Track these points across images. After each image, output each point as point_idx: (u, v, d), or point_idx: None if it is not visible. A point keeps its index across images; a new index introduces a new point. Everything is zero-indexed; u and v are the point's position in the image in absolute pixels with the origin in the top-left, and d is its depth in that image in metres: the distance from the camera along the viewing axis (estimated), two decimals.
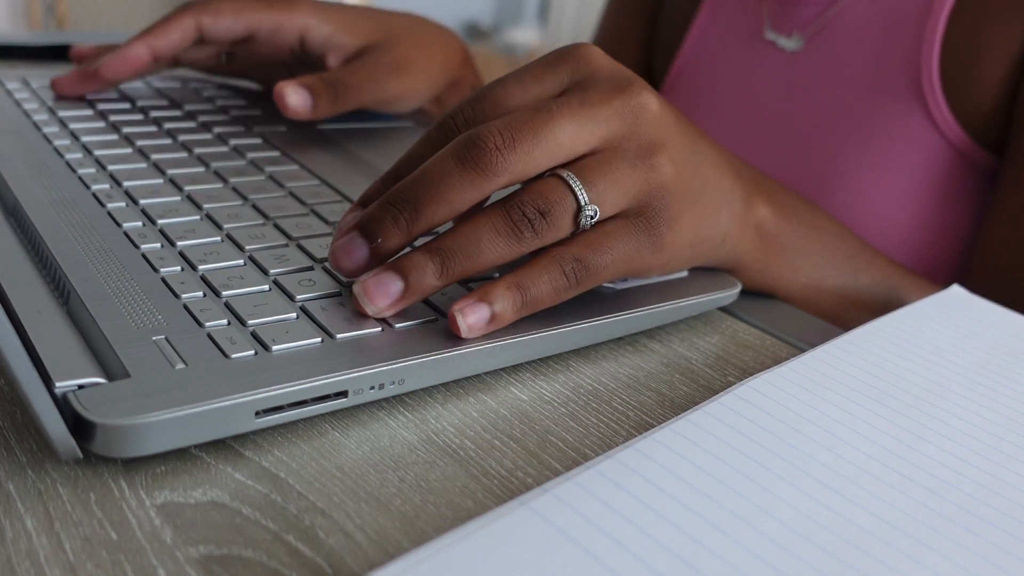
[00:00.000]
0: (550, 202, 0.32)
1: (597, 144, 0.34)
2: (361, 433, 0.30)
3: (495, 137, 0.32)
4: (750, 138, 0.67)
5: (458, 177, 0.32)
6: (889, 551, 0.25)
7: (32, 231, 0.36)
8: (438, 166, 0.32)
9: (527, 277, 0.33)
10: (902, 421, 0.32)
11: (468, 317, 0.31)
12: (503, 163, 0.32)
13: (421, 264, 0.32)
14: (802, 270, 0.44)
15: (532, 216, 0.32)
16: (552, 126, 0.33)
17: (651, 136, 0.35)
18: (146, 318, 0.30)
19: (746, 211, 0.41)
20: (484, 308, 0.32)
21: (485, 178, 0.32)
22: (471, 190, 0.32)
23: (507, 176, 0.32)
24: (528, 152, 0.32)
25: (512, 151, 0.32)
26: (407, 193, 0.32)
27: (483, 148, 0.32)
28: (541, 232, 0.32)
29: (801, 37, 0.65)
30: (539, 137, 0.32)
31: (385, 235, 0.32)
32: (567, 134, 0.33)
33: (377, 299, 0.32)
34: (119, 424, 0.25)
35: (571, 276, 0.33)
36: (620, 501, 0.25)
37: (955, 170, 0.59)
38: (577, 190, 0.33)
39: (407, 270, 0.32)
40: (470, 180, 0.32)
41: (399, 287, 0.32)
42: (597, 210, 0.33)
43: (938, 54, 0.58)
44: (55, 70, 0.61)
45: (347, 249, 0.33)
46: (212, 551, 0.24)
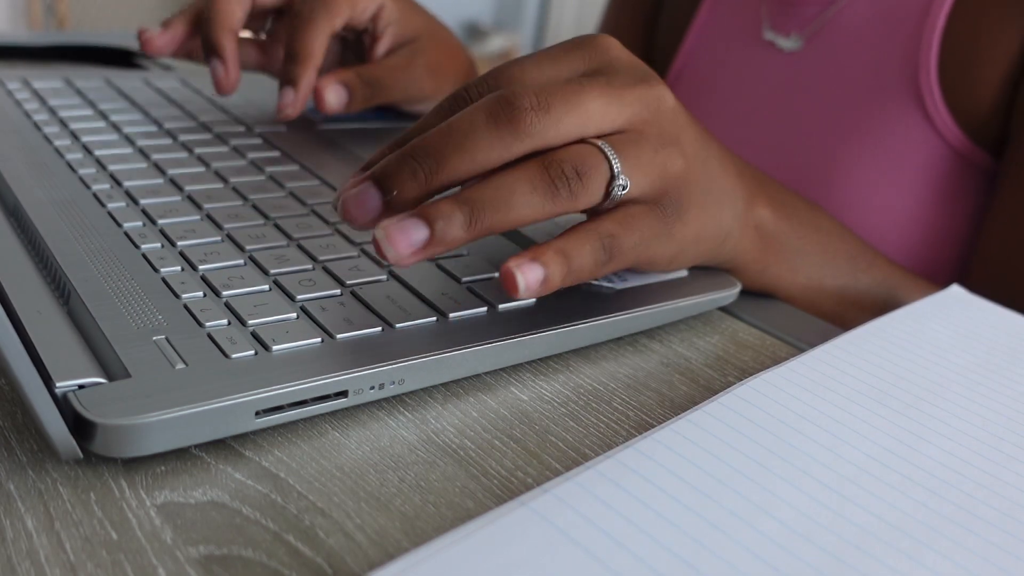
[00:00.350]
0: (588, 165, 0.32)
1: (623, 125, 0.34)
2: (361, 433, 0.30)
3: (530, 98, 0.31)
4: (749, 138, 0.67)
5: (486, 132, 0.31)
6: (889, 551, 0.25)
7: (32, 231, 0.36)
8: (467, 119, 0.31)
9: (570, 245, 0.32)
10: (902, 421, 0.32)
11: (527, 274, 0.31)
12: (535, 125, 0.31)
13: (448, 213, 0.30)
14: (802, 270, 0.44)
15: (570, 174, 0.31)
16: (584, 97, 0.33)
17: (669, 128, 0.35)
18: (146, 318, 0.30)
19: (747, 211, 0.41)
20: (539, 268, 0.31)
21: (515, 137, 0.31)
22: (499, 148, 0.31)
23: (536, 139, 0.32)
24: (559, 118, 0.32)
25: (546, 114, 0.31)
26: (429, 145, 0.31)
27: (517, 107, 0.31)
28: (577, 193, 0.32)
29: (800, 37, 0.65)
30: (571, 105, 0.32)
31: (402, 187, 0.31)
32: (597, 107, 0.33)
33: (400, 244, 0.30)
34: (119, 424, 0.25)
35: (608, 250, 0.33)
36: (620, 501, 0.25)
37: (953, 170, 0.59)
38: (612, 158, 0.33)
39: (434, 218, 0.30)
40: (499, 137, 0.31)
41: (424, 234, 0.30)
42: (628, 182, 0.33)
43: (936, 55, 0.58)
44: (57, 70, 0.61)
45: (359, 199, 0.31)
46: (212, 551, 0.24)
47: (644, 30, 0.81)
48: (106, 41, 0.77)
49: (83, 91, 0.57)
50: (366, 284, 0.35)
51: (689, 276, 0.40)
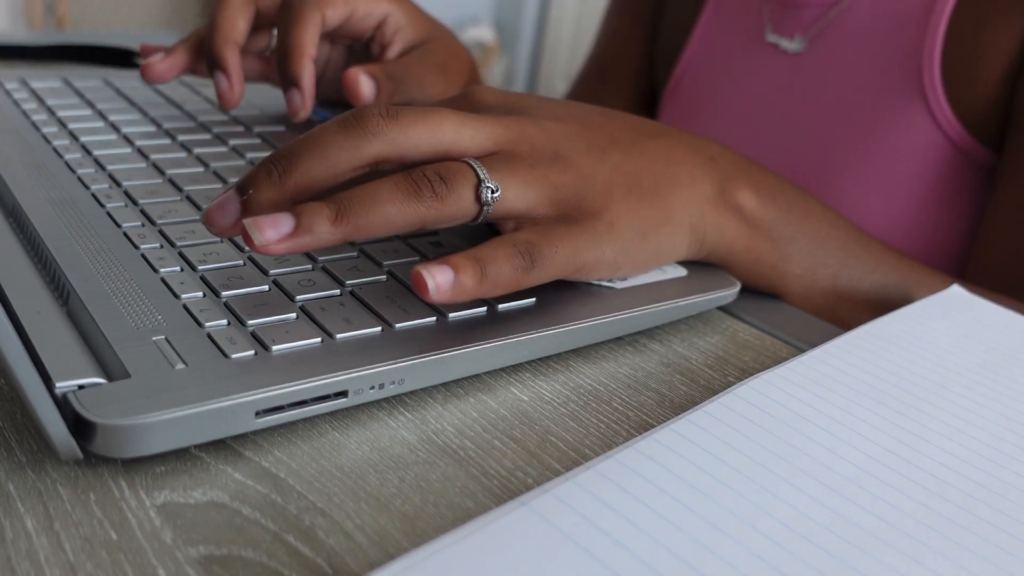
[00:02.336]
0: (450, 170, 0.33)
1: (486, 145, 0.35)
2: (361, 433, 0.30)
3: (379, 107, 0.33)
4: (753, 140, 0.67)
5: (335, 135, 0.33)
6: (889, 551, 0.25)
7: (32, 231, 0.36)
8: (319, 129, 0.33)
9: (483, 251, 0.33)
10: (902, 421, 0.32)
11: (436, 276, 0.31)
12: (382, 127, 0.33)
13: (315, 207, 0.31)
14: (794, 258, 0.43)
15: (432, 178, 0.33)
16: (435, 114, 0.34)
17: (544, 144, 0.36)
18: (146, 318, 0.30)
19: (723, 193, 0.40)
20: (448, 271, 0.31)
21: (363, 137, 0.33)
22: (348, 147, 0.32)
23: (383, 141, 0.33)
24: (407, 127, 0.33)
25: (393, 121, 0.33)
26: (284, 149, 0.33)
27: (364, 113, 0.33)
28: (442, 195, 0.33)
29: (802, 39, 0.65)
30: (419, 118, 0.34)
31: (256, 187, 0.32)
32: (449, 124, 0.34)
33: (266, 230, 0.31)
34: (119, 424, 0.25)
35: (525, 255, 0.33)
36: (620, 501, 0.25)
37: (956, 167, 0.59)
38: (476, 166, 0.34)
39: (300, 211, 0.31)
40: (347, 137, 0.33)
41: (290, 223, 0.31)
42: (498, 186, 0.34)
43: (939, 53, 0.58)
44: (55, 70, 0.61)
45: (220, 205, 0.32)
46: (212, 551, 0.24)
47: (645, 33, 0.81)
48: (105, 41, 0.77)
49: (82, 91, 0.57)
50: (366, 284, 0.35)
51: (689, 276, 0.40)
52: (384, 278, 0.35)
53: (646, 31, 0.81)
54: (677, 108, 0.75)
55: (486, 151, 0.35)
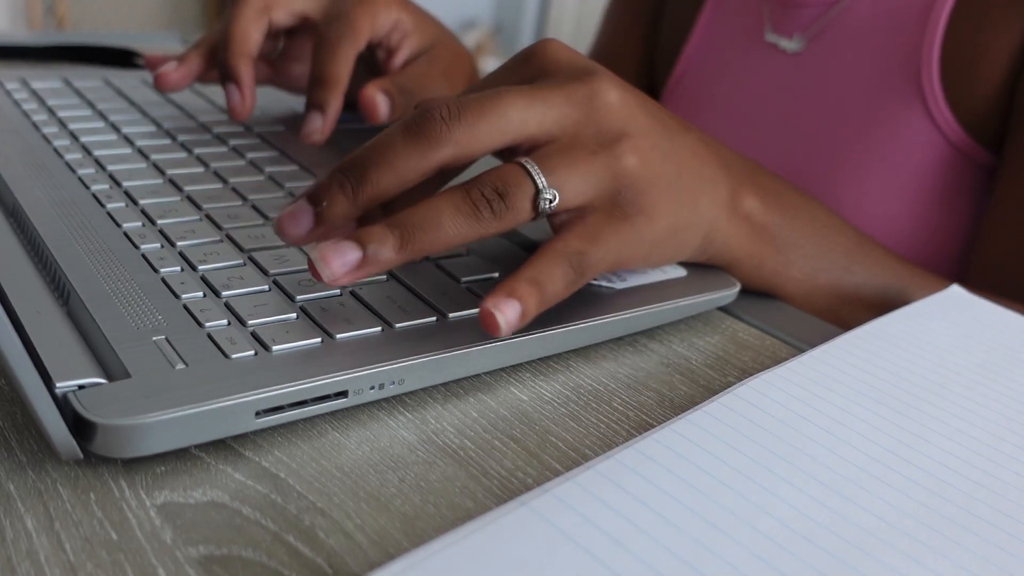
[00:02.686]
0: (508, 184, 0.33)
1: (551, 129, 0.35)
2: (361, 433, 0.30)
3: (442, 108, 0.33)
4: (752, 139, 0.67)
5: (403, 144, 0.33)
6: (889, 551, 0.25)
7: (32, 231, 0.36)
8: (385, 135, 0.33)
9: (540, 272, 0.33)
10: (902, 421, 0.32)
11: (506, 313, 0.31)
12: (448, 133, 0.33)
13: (380, 236, 0.32)
14: (796, 263, 0.43)
15: (490, 196, 0.33)
16: (499, 103, 0.34)
17: (610, 124, 0.35)
18: (146, 318, 0.30)
19: (734, 200, 0.40)
20: (516, 304, 0.31)
21: (429, 146, 0.33)
22: (416, 157, 0.33)
23: (451, 147, 0.33)
24: (472, 124, 0.33)
25: (457, 121, 0.33)
26: (354, 160, 0.33)
27: (429, 118, 0.33)
28: (500, 213, 0.33)
29: (802, 39, 0.65)
30: (484, 111, 0.33)
31: (330, 200, 0.32)
32: (515, 111, 0.34)
33: (334, 264, 0.31)
34: (119, 424, 0.25)
35: (577, 268, 0.33)
36: (620, 501, 0.25)
37: (954, 168, 0.59)
38: (534, 173, 0.33)
39: (366, 241, 0.31)
40: (415, 147, 0.33)
41: (357, 255, 0.31)
42: (556, 194, 0.33)
43: (938, 53, 0.58)
44: (55, 70, 0.61)
45: (292, 214, 0.33)
46: (212, 551, 0.24)
47: (645, 31, 0.81)
48: (105, 41, 0.77)
49: (82, 91, 0.57)
50: (366, 284, 0.35)
51: (689, 276, 0.40)
52: (384, 278, 0.35)
53: (646, 30, 0.81)
54: (677, 107, 0.75)
55: (552, 135, 0.35)
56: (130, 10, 2.64)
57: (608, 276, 0.38)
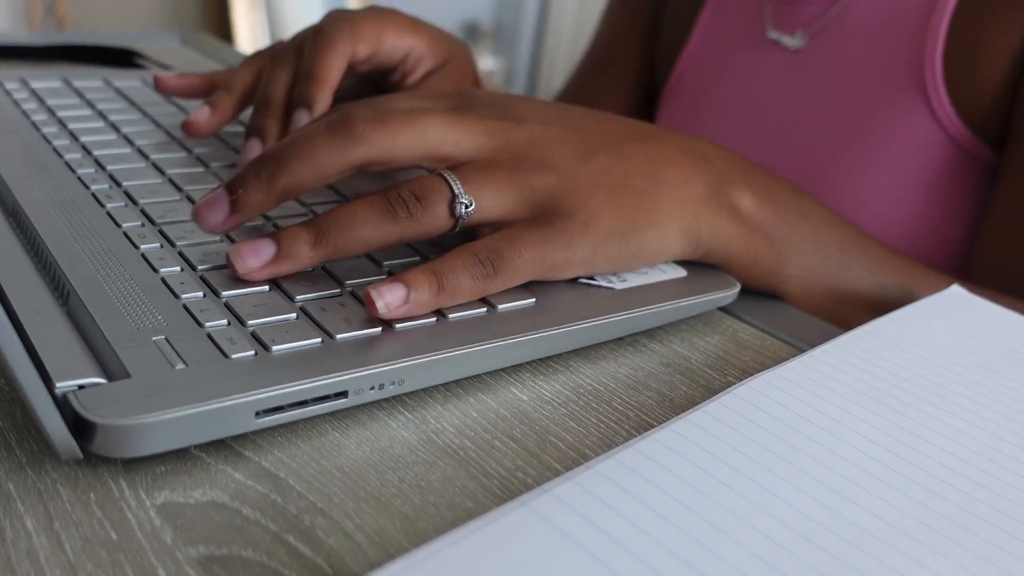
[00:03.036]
0: (425, 188, 0.34)
1: (469, 152, 0.36)
2: (361, 433, 0.30)
3: (366, 111, 0.34)
4: (754, 136, 0.67)
5: (322, 138, 0.34)
6: (889, 551, 0.25)
7: (32, 231, 0.36)
8: (306, 131, 0.34)
9: (441, 263, 0.33)
10: (902, 421, 0.32)
11: (385, 296, 0.32)
12: (368, 133, 0.34)
13: (295, 233, 0.33)
14: (792, 260, 0.43)
15: (407, 197, 0.34)
16: (421, 119, 0.35)
17: (526, 152, 0.37)
18: (146, 318, 0.30)
19: (716, 194, 0.40)
20: (400, 287, 0.32)
21: (349, 142, 0.34)
22: (335, 152, 0.34)
23: (369, 146, 0.34)
24: (393, 131, 0.34)
25: (379, 126, 0.34)
26: (273, 151, 0.34)
27: (352, 117, 0.34)
28: (416, 215, 0.34)
29: (804, 36, 0.65)
30: (407, 123, 0.35)
31: (246, 187, 0.33)
32: (435, 129, 0.35)
33: (248, 257, 0.32)
34: (119, 424, 0.25)
35: (487, 263, 0.34)
36: (620, 501, 0.25)
37: (956, 165, 0.59)
38: (451, 180, 0.34)
39: (281, 238, 0.33)
40: (334, 142, 0.34)
41: (271, 250, 0.33)
42: (473, 201, 0.34)
43: (941, 50, 0.58)
44: (55, 70, 0.61)
45: (209, 203, 0.34)
46: (212, 551, 0.24)
47: (646, 30, 0.81)
48: (105, 41, 0.77)
49: (82, 91, 0.57)
50: (366, 284, 0.35)
51: (689, 276, 0.40)
52: (384, 278, 0.35)
53: (646, 29, 0.81)
54: (678, 105, 0.75)
55: (469, 157, 0.36)
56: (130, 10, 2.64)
57: (608, 276, 0.38)
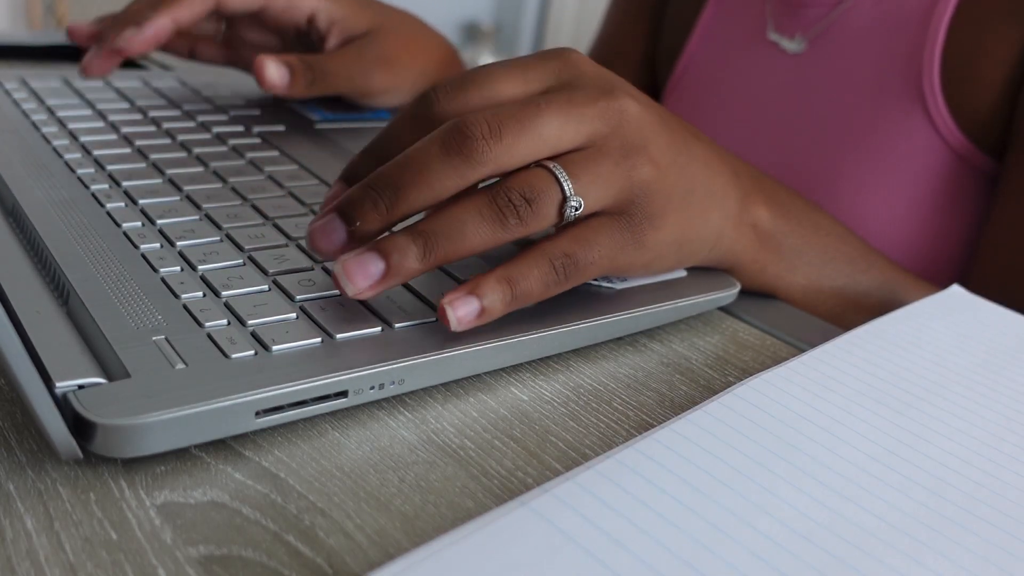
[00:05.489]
0: (536, 190, 0.33)
1: (581, 142, 0.34)
2: (361, 433, 0.30)
3: (482, 126, 0.32)
4: (753, 139, 0.67)
5: (441, 163, 0.32)
6: (889, 551, 0.25)
7: (31, 231, 0.36)
8: (422, 151, 0.32)
9: (517, 271, 0.32)
10: (902, 421, 0.32)
11: (458, 310, 0.31)
12: (488, 153, 0.32)
13: (403, 246, 0.31)
14: (800, 270, 0.43)
15: (518, 202, 0.32)
16: (538, 120, 0.33)
17: (633, 138, 0.35)
18: (146, 318, 0.30)
19: (742, 210, 0.41)
20: (474, 301, 0.31)
21: (469, 166, 0.32)
22: (454, 177, 0.32)
23: (490, 167, 0.32)
24: (512, 144, 0.32)
25: (498, 142, 0.32)
26: (388, 177, 0.32)
27: (469, 136, 0.32)
28: (526, 219, 0.32)
29: (803, 39, 0.65)
30: (524, 130, 0.33)
31: (364, 218, 0.32)
32: (552, 129, 0.33)
33: (358, 280, 0.31)
34: (119, 424, 0.25)
35: (560, 271, 0.33)
36: (620, 501, 0.25)
37: (955, 173, 0.59)
38: (563, 180, 0.33)
39: (389, 252, 0.31)
40: (454, 167, 0.32)
41: (380, 268, 0.31)
42: (582, 202, 0.33)
43: (939, 57, 0.58)
44: (55, 70, 0.61)
45: (325, 231, 0.32)
46: (212, 551, 0.24)
47: (648, 30, 0.81)
48: None
49: (81, 91, 0.57)
50: None
51: (689, 276, 0.40)
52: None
53: (648, 29, 0.81)
54: (678, 106, 0.75)
55: (582, 145, 0.34)
56: None
57: (608, 276, 0.38)
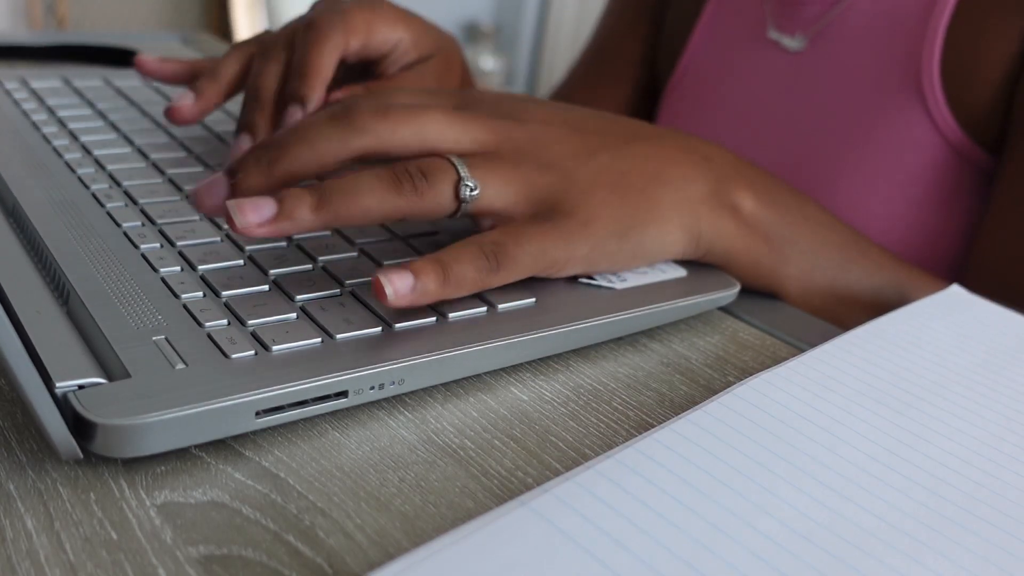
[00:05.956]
0: (432, 167, 0.34)
1: (469, 148, 0.36)
2: (361, 433, 0.30)
3: (368, 103, 0.35)
4: (752, 136, 0.67)
5: (324, 127, 0.34)
6: (889, 551, 0.25)
7: (32, 231, 0.36)
8: (309, 119, 0.35)
9: (447, 254, 0.33)
10: (902, 421, 0.32)
11: (395, 282, 0.31)
12: (369, 123, 0.34)
13: (297, 194, 0.32)
14: (793, 260, 0.43)
15: (413, 172, 0.34)
16: (424, 117, 0.35)
17: (528, 148, 0.37)
18: (146, 318, 0.30)
19: (718, 192, 0.40)
20: (408, 276, 0.32)
21: (350, 131, 0.34)
22: (335, 139, 0.34)
23: (370, 136, 0.34)
24: (395, 124, 0.35)
25: (382, 119, 0.34)
26: (275, 137, 0.35)
27: (355, 109, 0.35)
28: (421, 189, 0.34)
29: (804, 37, 0.65)
30: (408, 119, 0.35)
31: (245, 172, 0.34)
32: (435, 125, 0.36)
33: (248, 213, 0.31)
34: (119, 424, 0.25)
35: (491, 256, 0.34)
36: (620, 501, 0.25)
37: (954, 170, 0.59)
38: (456, 163, 0.35)
39: (283, 197, 0.32)
40: (336, 131, 0.34)
41: (272, 208, 0.32)
42: (478, 186, 0.35)
43: (939, 54, 0.58)
44: (55, 70, 0.61)
45: (208, 186, 0.34)
46: (212, 551, 0.24)
47: (647, 28, 0.81)
48: (105, 41, 0.77)
49: (81, 91, 0.57)
50: (366, 284, 0.35)
51: (689, 276, 0.40)
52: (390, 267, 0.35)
53: (648, 29, 0.81)
54: (679, 104, 0.75)
55: (470, 152, 0.36)
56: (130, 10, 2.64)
57: (608, 276, 0.38)
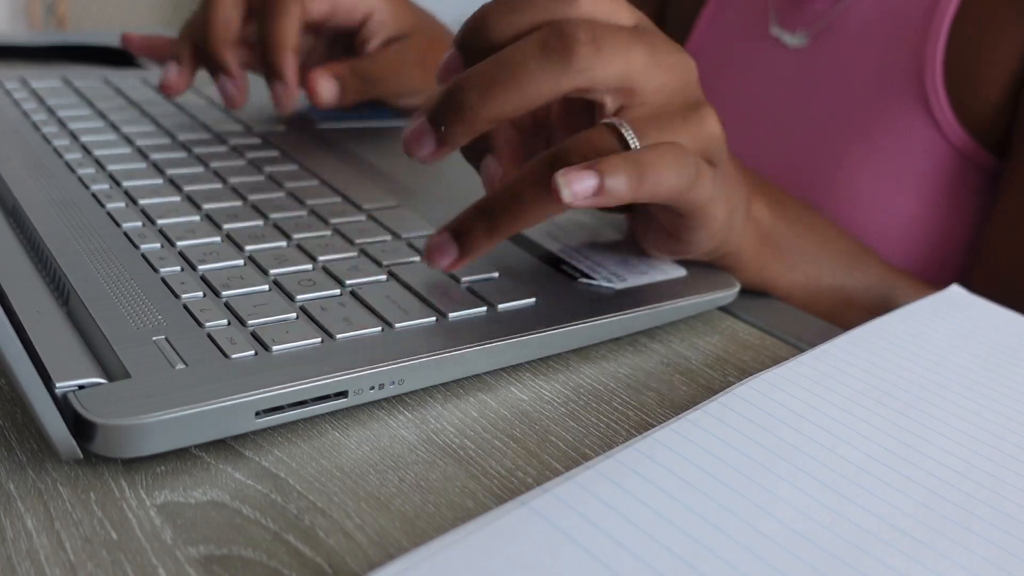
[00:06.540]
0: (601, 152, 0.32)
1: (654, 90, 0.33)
2: (361, 433, 0.30)
3: (585, 33, 0.31)
4: (753, 134, 0.67)
5: (538, 64, 0.30)
6: (889, 551, 0.25)
7: (32, 231, 0.36)
8: (518, 49, 0.31)
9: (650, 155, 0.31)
10: (902, 421, 0.32)
11: (574, 184, 0.30)
12: (587, 59, 0.31)
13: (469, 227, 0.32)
14: (799, 268, 0.44)
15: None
16: (633, 47, 0.32)
17: (699, 95, 0.35)
18: (146, 318, 0.30)
19: (748, 206, 0.41)
20: (591, 177, 0.30)
21: (565, 72, 0.31)
22: (548, 80, 0.30)
23: (585, 77, 0.31)
24: (610, 59, 0.31)
25: (598, 51, 0.31)
26: (477, 75, 0.31)
27: (572, 38, 0.30)
28: None
29: (806, 34, 0.65)
30: (622, 48, 0.32)
31: (448, 123, 0.32)
32: (641, 61, 0.32)
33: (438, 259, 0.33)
34: (119, 424, 0.25)
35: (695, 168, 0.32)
36: (620, 501, 0.25)
37: (956, 170, 0.59)
38: (629, 138, 0.32)
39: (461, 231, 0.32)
40: (549, 68, 0.30)
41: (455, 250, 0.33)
42: None
43: (942, 54, 0.58)
44: (55, 70, 0.61)
45: (417, 135, 0.33)
46: (212, 551, 0.24)
47: None
48: (105, 41, 0.77)
49: (82, 91, 0.57)
50: (366, 284, 0.35)
51: (689, 276, 0.40)
52: (384, 278, 0.35)
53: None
54: None
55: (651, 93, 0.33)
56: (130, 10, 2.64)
57: (608, 276, 0.38)
